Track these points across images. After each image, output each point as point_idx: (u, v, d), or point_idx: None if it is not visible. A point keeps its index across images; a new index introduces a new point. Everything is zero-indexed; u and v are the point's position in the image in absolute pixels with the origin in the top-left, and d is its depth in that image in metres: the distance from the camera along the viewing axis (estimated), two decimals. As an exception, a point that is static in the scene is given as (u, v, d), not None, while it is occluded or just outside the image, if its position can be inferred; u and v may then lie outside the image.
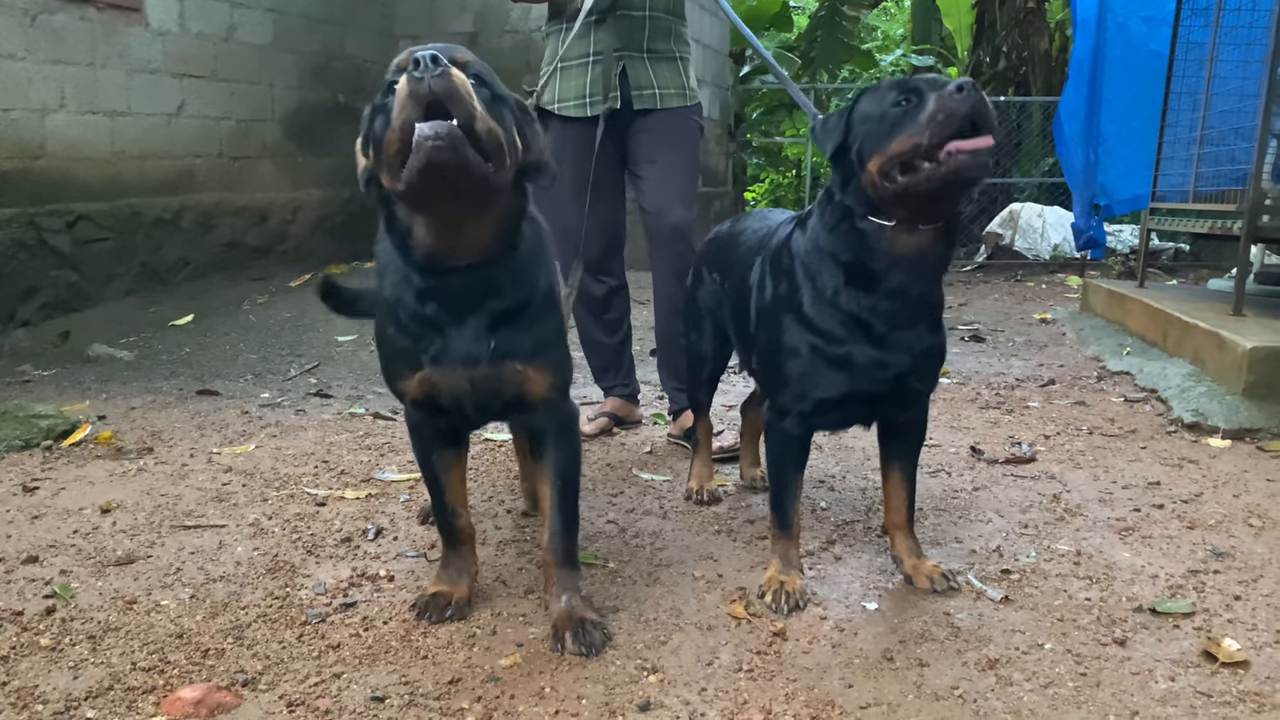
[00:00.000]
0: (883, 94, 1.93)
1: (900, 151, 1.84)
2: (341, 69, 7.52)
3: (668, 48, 3.30)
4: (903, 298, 2.00)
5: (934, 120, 1.79)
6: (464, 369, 1.90)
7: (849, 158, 1.97)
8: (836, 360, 2.05)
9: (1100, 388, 4.28)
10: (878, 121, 1.90)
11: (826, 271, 2.03)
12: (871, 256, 1.97)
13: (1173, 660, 1.89)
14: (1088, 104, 6.76)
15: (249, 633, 2.01)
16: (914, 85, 1.88)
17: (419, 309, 1.89)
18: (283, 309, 5.57)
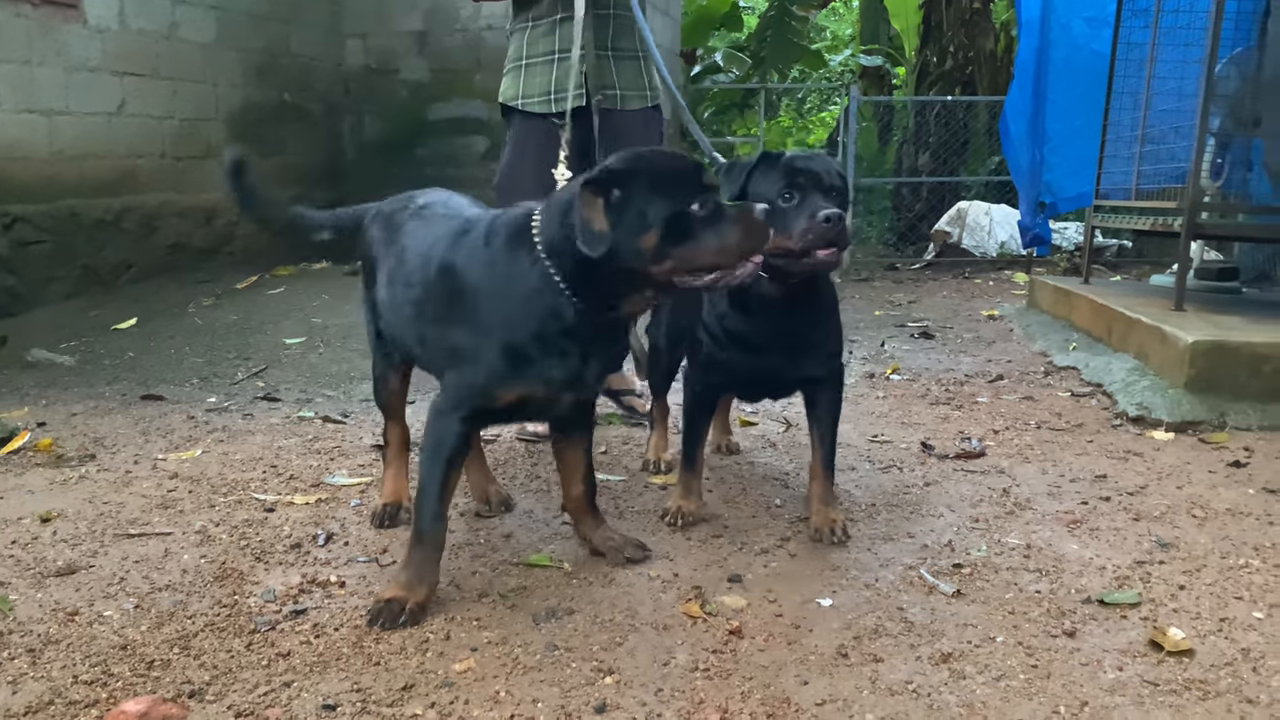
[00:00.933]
0: (775, 178, 2.29)
1: (775, 247, 2.17)
2: (288, 67, 7.41)
3: (630, 46, 3.34)
4: (775, 325, 2.45)
5: (804, 236, 2.23)
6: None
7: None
8: (723, 360, 2.53)
9: (1047, 383, 4.35)
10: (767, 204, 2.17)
11: (719, 299, 2.49)
12: (746, 296, 2.40)
13: (1120, 650, 1.93)
14: (1033, 103, 6.87)
15: (196, 642, 1.97)
16: (800, 183, 2.27)
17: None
18: (229, 311, 5.48)
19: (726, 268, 1.96)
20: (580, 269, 1.97)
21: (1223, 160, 5.30)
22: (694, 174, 1.97)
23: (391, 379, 2.61)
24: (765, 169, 2.33)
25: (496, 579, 2.27)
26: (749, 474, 3.06)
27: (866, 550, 2.43)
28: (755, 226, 1.96)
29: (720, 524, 2.61)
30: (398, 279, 2.34)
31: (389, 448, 2.69)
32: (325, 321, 5.23)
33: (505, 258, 2.06)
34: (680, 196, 1.93)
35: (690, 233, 1.93)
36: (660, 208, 1.92)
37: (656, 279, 1.97)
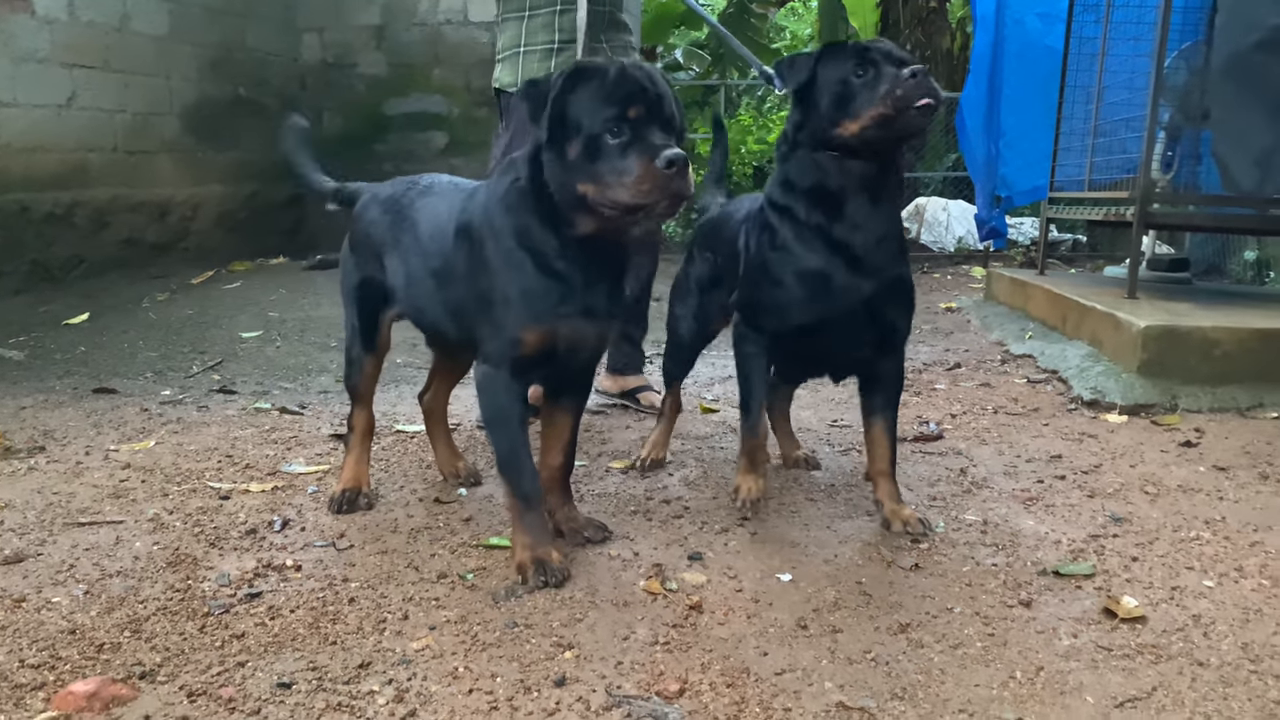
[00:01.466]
0: (844, 60, 2.21)
1: (873, 118, 2.14)
2: (243, 62, 7.32)
3: (620, 39, 3.44)
4: (863, 213, 2.24)
5: (894, 96, 2.12)
6: None
7: (814, 101, 2.25)
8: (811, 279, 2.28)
9: (1004, 370, 4.40)
10: (843, 84, 2.19)
11: (799, 201, 2.29)
12: (829, 179, 2.24)
13: (1075, 618, 1.95)
14: (988, 98, 6.95)
15: (147, 626, 1.93)
16: (872, 58, 2.18)
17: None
18: (184, 306, 5.39)
19: (635, 204, 1.94)
20: (544, 190, 2.03)
21: (1173, 153, 5.40)
22: (624, 101, 1.93)
23: (368, 364, 2.63)
24: (834, 59, 2.25)
25: (455, 560, 2.26)
26: (710, 458, 3.06)
27: (826, 528, 2.44)
28: (653, 170, 1.89)
29: (681, 505, 2.62)
30: (415, 255, 2.38)
31: (353, 433, 2.67)
32: (282, 315, 5.17)
33: (501, 202, 2.13)
34: (601, 119, 1.94)
35: (601, 157, 1.94)
36: (581, 123, 1.95)
37: (586, 201, 1.98)
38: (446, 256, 2.25)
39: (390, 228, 2.48)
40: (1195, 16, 5.35)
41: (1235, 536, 2.38)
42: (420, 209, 2.41)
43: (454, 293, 2.25)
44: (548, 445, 2.38)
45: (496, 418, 2.18)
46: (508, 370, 2.13)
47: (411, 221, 2.41)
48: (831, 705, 1.64)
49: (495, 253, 2.11)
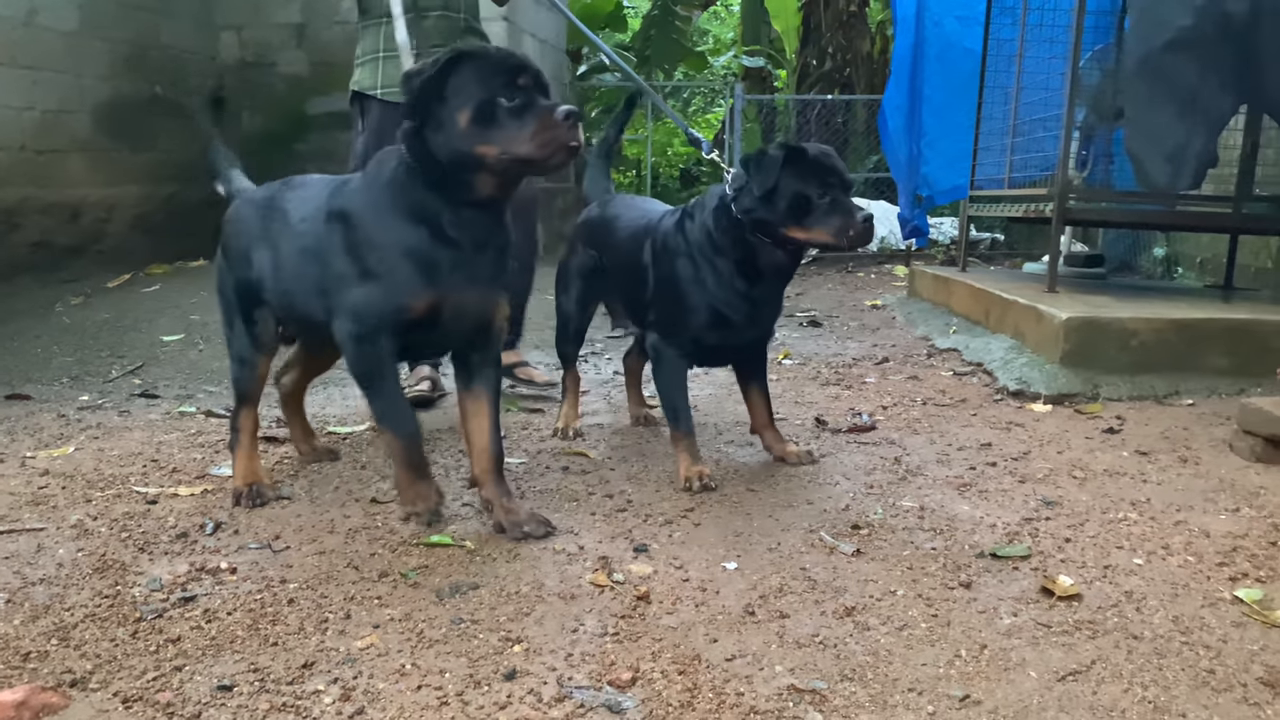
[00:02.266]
0: (807, 172, 2.58)
1: (816, 239, 2.62)
2: (158, 59, 7.11)
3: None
4: (770, 283, 2.75)
5: (839, 232, 2.58)
6: None
7: (774, 202, 2.59)
8: (726, 319, 2.74)
9: (931, 363, 4.49)
10: (803, 199, 2.58)
11: (722, 260, 2.70)
12: (754, 259, 2.69)
13: (1014, 598, 1.99)
14: (909, 99, 7.10)
15: (75, 634, 1.86)
16: (831, 181, 2.59)
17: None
18: (101, 310, 5.21)
19: (535, 157, 2.14)
20: (429, 157, 2.19)
21: (1087, 152, 5.58)
22: (512, 71, 2.15)
23: (261, 365, 2.69)
24: (796, 170, 2.59)
25: (397, 559, 2.22)
26: (651, 452, 3.06)
27: (768, 517, 2.46)
28: (552, 124, 2.11)
29: (625, 499, 2.61)
30: (286, 245, 2.48)
31: (242, 433, 2.69)
32: (204, 318, 5.03)
33: (380, 176, 2.30)
34: (492, 87, 2.13)
35: (497, 120, 2.13)
36: (473, 94, 2.14)
37: (484, 160, 2.16)
38: (320, 241, 2.37)
39: (260, 226, 2.58)
40: (1107, 19, 5.55)
41: (1160, 516, 2.46)
42: (290, 203, 2.53)
43: (329, 273, 2.35)
44: (472, 437, 2.43)
45: (368, 372, 2.32)
46: (386, 335, 2.26)
47: (282, 216, 2.52)
48: (783, 688, 1.65)
49: (379, 230, 2.26)
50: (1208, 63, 4.22)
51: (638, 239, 2.93)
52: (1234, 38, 4.18)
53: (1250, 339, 3.82)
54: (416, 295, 2.23)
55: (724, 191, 2.72)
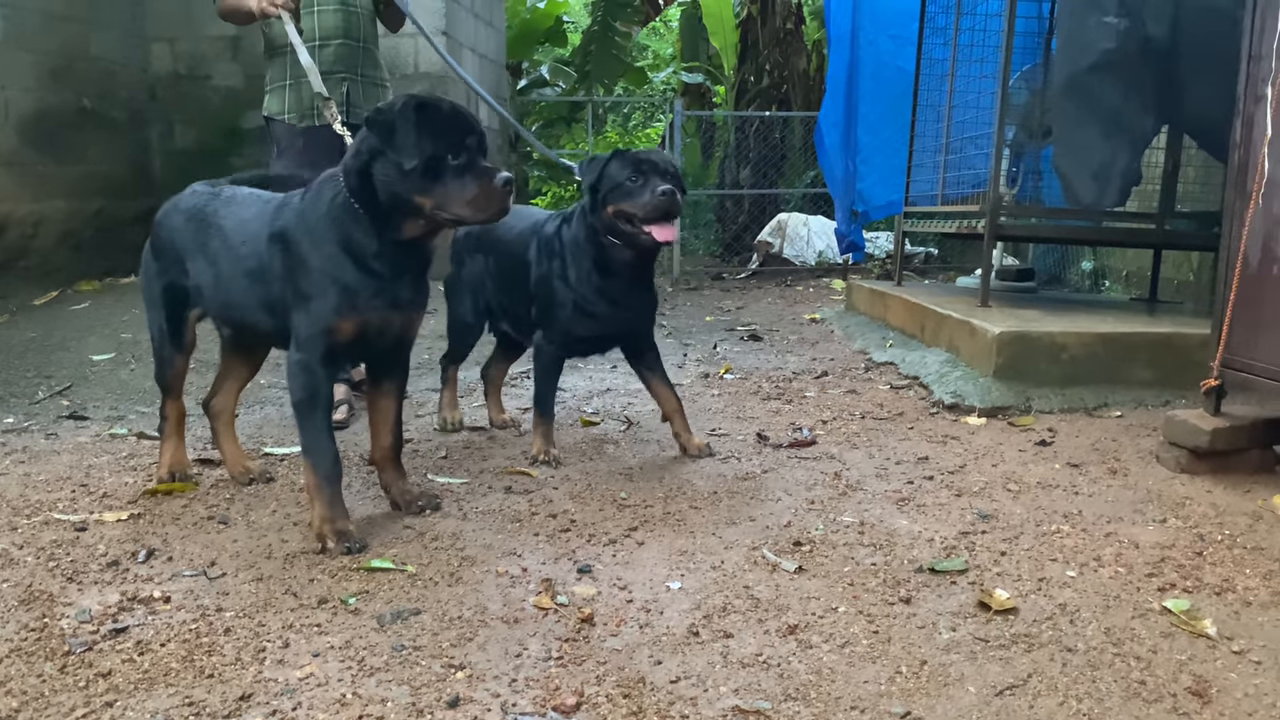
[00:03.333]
0: (626, 164, 2.98)
1: (624, 212, 2.95)
2: (86, 71, 6.95)
3: (375, 74, 3.92)
4: (627, 280, 3.11)
5: (645, 205, 2.92)
6: None
7: (599, 194, 2.99)
8: (589, 313, 3.09)
9: (869, 377, 4.55)
10: (619, 184, 2.96)
11: (584, 260, 3.08)
12: (609, 257, 3.04)
13: (953, 612, 2.03)
14: (845, 116, 7.21)
15: (1, 669, 1.80)
16: (644, 168, 2.95)
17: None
18: (26, 329, 5.06)
19: (469, 219, 2.39)
20: (371, 193, 2.34)
21: (1017, 169, 5.71)
22: (461, 131, 2.32)
23: (179, 361, 2.88)
24: (618, 163, 3.00)
25: (337, 585, 2.19)
26: (594, 470, 3.06)
27: (712, 535, 2.47)
28: (491, 190, 2.32)
29: (568, 519, 2.60)
30: (225, 258, 2.62)
31: (169, 421, 2.90)
32: (136, 337, 4.91)
33: (325, 214, 2.41)
34: (443, 145, 2.29)
35: (442, 177, 2.30)
36: (424, 147, 2.28)
37: (421, 209, 2.33)
38: (261, 259, 2.51)
39: (195, 235, 2.70)
40: (1034, 40, 5.69)
41: (1091, 528, 2.52)
42: (226, 217, 2.66)
43: (269, 290, 2.51)
44: (377, 427, 2.64)
45: (305, 401, 2.43)
46: (320, 357, 2.41)
47: (218, 229, 2.65)
48: (728, 709, 1.66)
49: (315, 255, 2.39)
50: (1130, 84, 4.36)
51: (523, 238, 3.27)
52: (1155, 60, 4.33)
53: (1174, 352, 3.94)
54: (344, 318, 2.39)
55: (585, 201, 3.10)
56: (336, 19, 3.75)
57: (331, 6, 3.75)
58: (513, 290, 3.33)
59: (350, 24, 3.79)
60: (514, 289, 3.32)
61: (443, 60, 4.15)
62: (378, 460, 2.67)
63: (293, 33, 3.47)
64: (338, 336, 2.39)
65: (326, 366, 2.43)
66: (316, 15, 3.73)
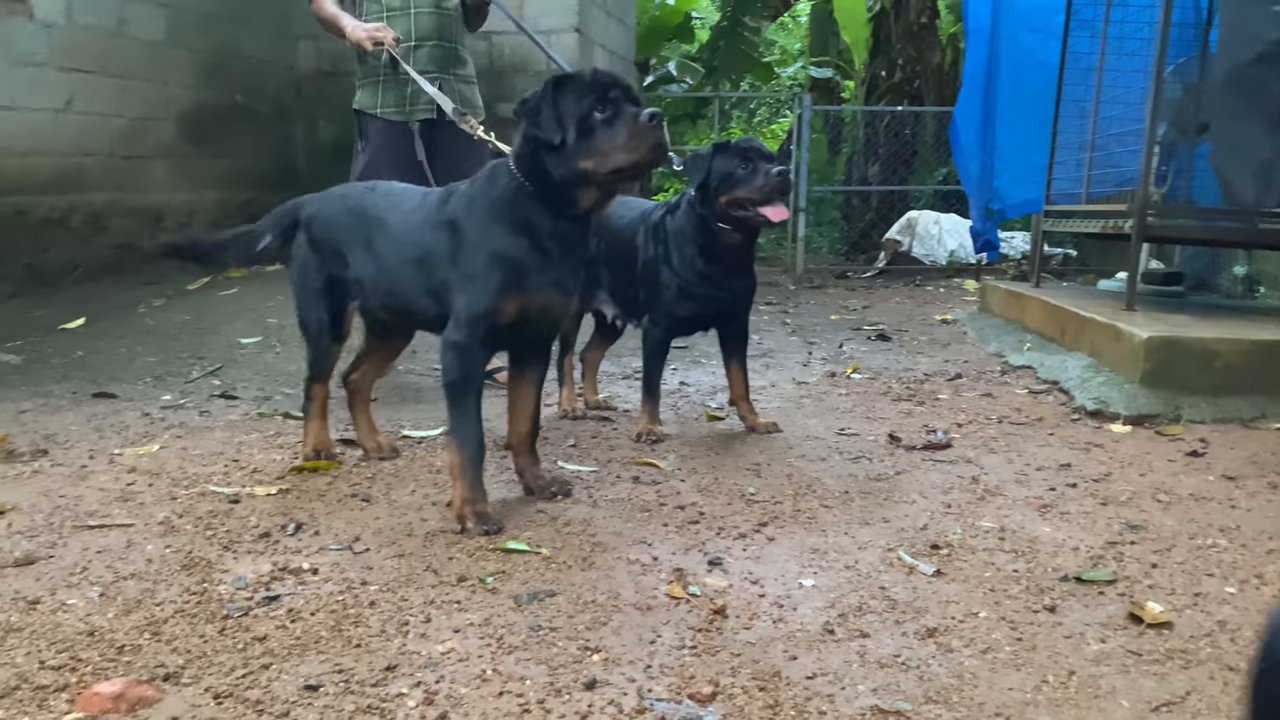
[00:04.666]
0: (731, 155, 3.17)
1: (739, 199, 3.15)
2: (238, 68, 7.30)
3: (464, 72, 4.12)
4: (729, 264, 3.32)
5: (761, 189, 3.12)
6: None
7: (709, 187, 3.19)
8: (692, 295, 3.31)
9: (1004, 381, 4.42)
10: (729, 174, 3.15)
11: (689, 246, 3.28)
12: (715, 242, 3.26)
13: (1101, 624, 1.95)
14: (982, 112, 7.00)
15: (166, 628, 1.91)
16: (750, 155, 3.15)
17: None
18: (181, 312, 5.35)
19: (626, 165, 2.39)
20: (544, 175, 2.43)
21: (1166, 168, 5.45)
22: (602, 86, 2.39)
23: (335, 351, 3.00)
24: (723, 155, 3.19)
25: (474, 564, 2.24)
26: (720, 465, 3.05)
27: (844, 534, 2.44)
28: (638, 129, 2.36)
29: (696, 511, 2.61)
30: (388, 249, 2.72)
31: (314, 402, 3.03)
32: (281, 322, 5.13)
33: (490, 190, 2.52)
34: (586, 106, 2.38)
35: (593, 136, 2.38)
36: (569, 116, 2.38)
37: (586, 173, 2.40)
38: (426, 247, 2.61)
39: (355, 229, 2.80)
40: (1190, 32, 5.41)
41: (1252, 544, 2.38)
42: (387, 210, 2.77)
43: (433, 277, 2.59)
44: (516, 414, 2.73)
45: (459, 382, 2.50)
46: (479, 339, 2.49)
47: (379, 222, 2.75)
48: (866, 709, 1.63)
49: (484, 238, 2.48)
50: (1299, 77, 4.11)
51: (632, 226, 3.45)
52: (1328, 52, 4.06)
53: (1341, 363, 3.69)
54: (509, 298, 2.46)
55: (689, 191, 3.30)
56: (431, 21, 3.96)
57: (427, 9, 3.95)
58: (622, 274, 3.50)
59: (443, 26, 3.99)
60: (623, 273, 3.49)
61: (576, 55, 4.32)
62: (514, 445, 2.75)
63: (408, 68, 3.79)
64: (500, 318, 2.47)
65: (484, 349, 2.53)
66: (413, 18, 3.94)
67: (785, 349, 5.30)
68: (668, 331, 3.42)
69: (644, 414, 3.40)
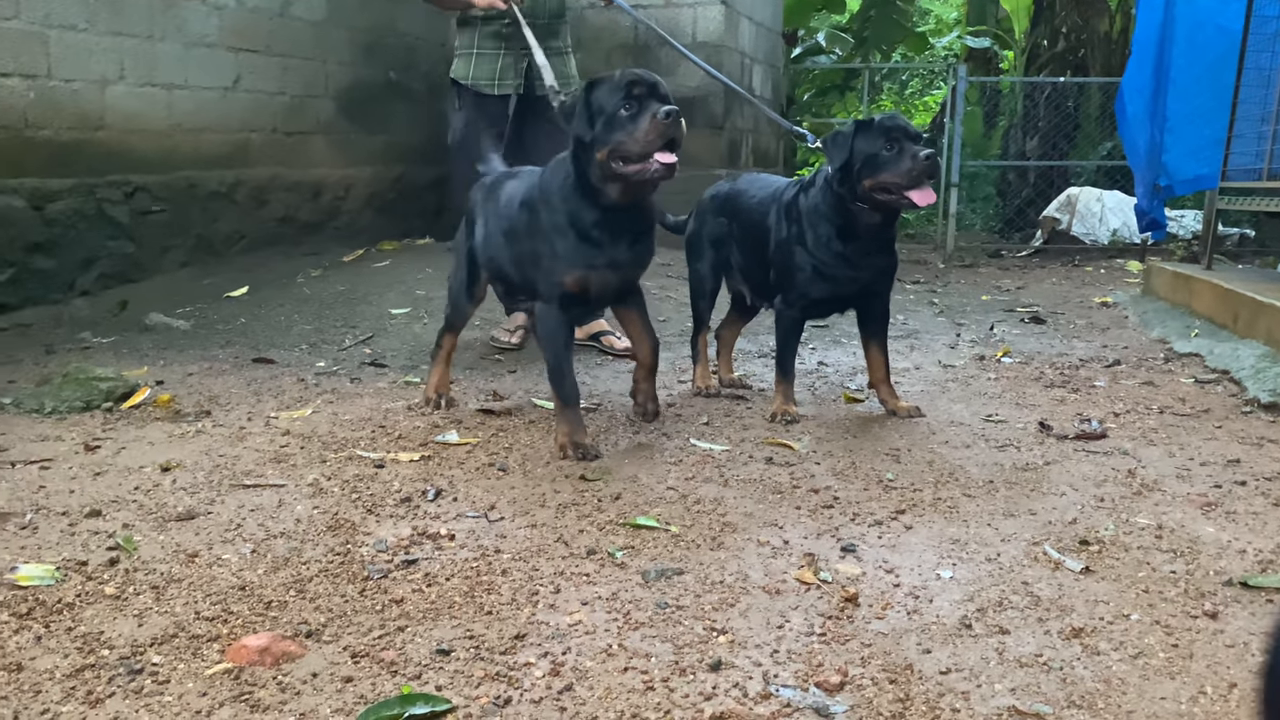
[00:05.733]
0: (875, 135, 3.03)
1: (884, 183, 3.03)
2: (393, 46, 7.51)
3: (557, 44, 4.29)
4: (868, 243, 3.19)
5: (909, 173, 2.98)
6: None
7: (851, 168, 3.07)
8: (827, 275, 3.22)
9: (1168, 369, 4.16)
10: (873, 155, 3.02)
11: (824, 225, 3.19)
12: (854, 222, 3.15)
13: (1269, 634, 1.81)
14: (1153, 82, 6.57)
15: (311, 587, 1.99)
16: (895, 135, 3.02)
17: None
18: (336, 283, 5.57)
19: (641, 157, 2.63)
20: (583, 173, 2.76)
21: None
22: (629, 84, 2.65)
23: (469, 310, 3.43)
24: (865, 135, 3.05)
25: (603, 537, 2.25)
26: (857, 448, 2.98)
27: (987, 525, 2.34)
28: (652, 124, 2.59)
29: (830, 495, 2.55)
30: (493, 221, 3.17)
31: (442, 350, 3.43)
32: (429, 294, 5.29)
33: (558, 188, 2.85)
34: (612, 104, 2.65)
35: (615, 131, 2.64)
36: (595, 115, 2.69)
37: (608, 168, 2.69)
38: (514, 222, 3.03)
39: (482, 204, 3.27)
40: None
41: None
42: (504, 190, 3.16)
43: (518, 249, 3.02)
44: (634, 338, 3.09)
45: (548, 338, 2.94)
46: (556, 304, 2.87)
47: (495, 199, 3.18)
48: (1003, 709, 1.56)
49: (550, 222, 2.84)
50: None
51: (763, 205, 3.43)
52: None
53: None
54: (571, 275, 2.83)
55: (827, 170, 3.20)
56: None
57: None
58: (753, 254, 3.47)
59: (535, 3, 4.19)
60: (755, 253, 3.46)
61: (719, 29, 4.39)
62: (639, 373, 3.11)
63: (528, 33, 3.96)
64: (566, 289, 2.84)
65: (563, 311, 2.89)
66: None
67: (932, 330, 5.13)
68: (803, 312, 3.35)
69: (778, 394, 3.36)
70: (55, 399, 3.25)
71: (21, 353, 4.06)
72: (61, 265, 4.95)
